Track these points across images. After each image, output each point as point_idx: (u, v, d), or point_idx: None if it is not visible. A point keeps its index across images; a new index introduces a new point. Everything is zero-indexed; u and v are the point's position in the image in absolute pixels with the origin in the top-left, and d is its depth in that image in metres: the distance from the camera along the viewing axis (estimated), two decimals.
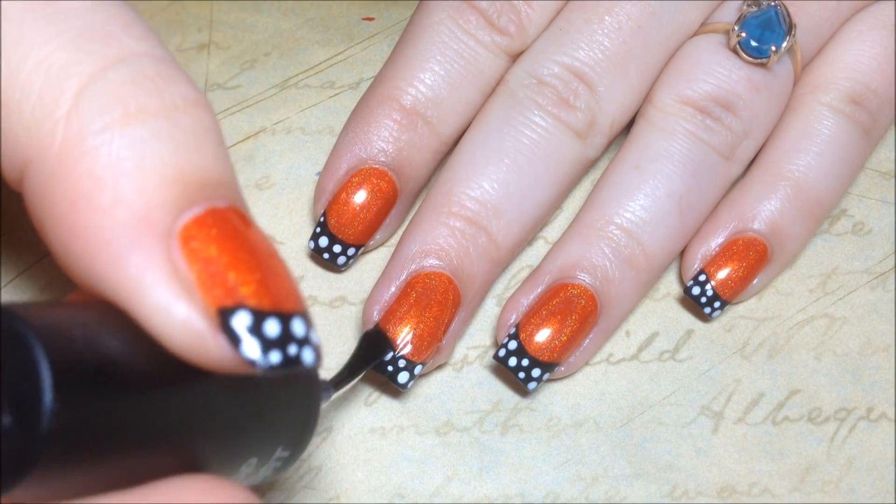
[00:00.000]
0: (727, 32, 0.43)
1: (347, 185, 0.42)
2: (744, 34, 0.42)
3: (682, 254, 0.44)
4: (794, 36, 0.43)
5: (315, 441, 0.42)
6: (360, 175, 0.42)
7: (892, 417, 0.43)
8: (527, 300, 0.42)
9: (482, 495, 0.41)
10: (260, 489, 0.41)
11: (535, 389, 0.42)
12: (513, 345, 0.41)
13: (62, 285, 0.44)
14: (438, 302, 0.40)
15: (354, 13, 0.50)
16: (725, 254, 0.43)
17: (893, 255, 0.46)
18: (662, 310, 0.44)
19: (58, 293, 0.44)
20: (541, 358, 0.41)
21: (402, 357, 0.40)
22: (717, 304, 0.43)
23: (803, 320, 0.44)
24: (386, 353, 0.40)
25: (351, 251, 0.43)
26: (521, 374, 0.41)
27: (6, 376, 0.24)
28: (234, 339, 0.26)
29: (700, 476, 0.42)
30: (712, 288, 0.43)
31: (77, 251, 0.27)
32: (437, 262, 0.41)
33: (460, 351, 0.43)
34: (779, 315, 0.44)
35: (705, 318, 0.44)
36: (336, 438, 0.42)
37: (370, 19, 0.50)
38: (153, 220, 0.26)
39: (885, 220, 0.46)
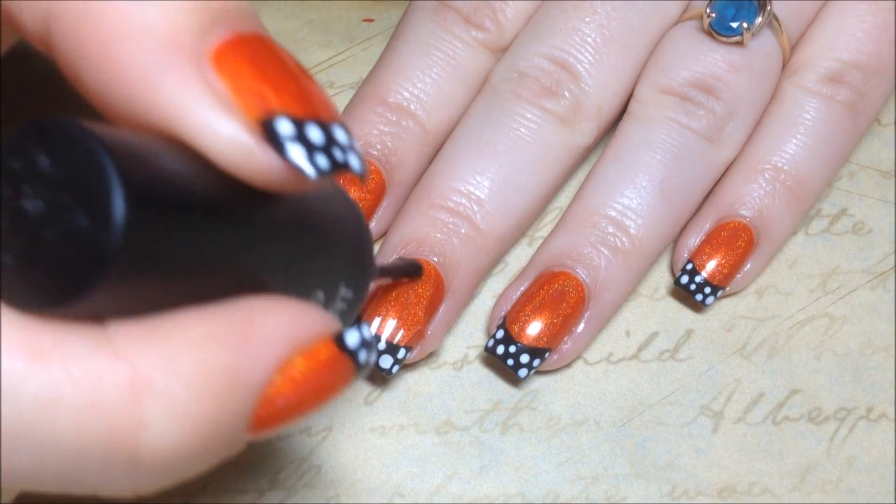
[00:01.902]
0: (701, 16, 0.43)
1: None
2: (714, 14, 0.43)
3: (672, 248, 0.44)
4: (769, 12, 0.43)
5: (315, 440, 0.42)
6: None
7: (892, 417, 0.43)
8: (516, 294, 0.42)
9: (482, 494, 0.41)
10: (260, 489, 0.41)
11: (527, 378, 0.42)
12: (500, 334, 0.42)
13: None
14: (418, 286, 0.41)
15: (355, 15, 0.50)
16: (710, 241, 0.43)
17: (894, 254, 0.46)
18: (662, 309, 0.44)
19: None
20: (527, 343, 0.41)
21: (385, 340, 0.40)
22: (707, 291, 0.43)
23: (803, 320, 0.44)
24: (418, 273, 0.41)
25: None
26: (511, 362, 0.41)
27: (78, 183, 0.24)
28: (279, 148, 0.26)
29: (700, 476, 0.42)
30: (702, 276, 0.43)
31: (113, 87, 0.27)
32: (418, 250, 0.41)
33: (460, 350, 0.43)
34: (779, 315, 0.44)
35: (699, 308, 0.44)
36: (336, 438, 0.42)
37: (370, 21, 0.51)
38: (182, 44, 0.26)
39: (886, 219, 0.46)
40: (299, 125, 0.27)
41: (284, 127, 0.26)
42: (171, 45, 0.26)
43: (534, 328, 0.41)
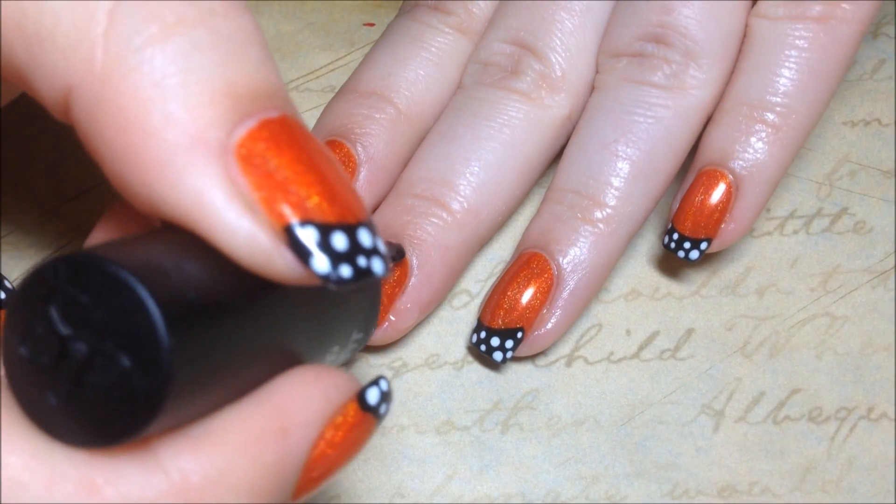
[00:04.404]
0: None
1: None
2: None
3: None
4: None
5: None
6: None
7: (893, 417, 0.43)
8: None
9: (482, 494, 0.41)
10: None
11: (504, 362, 0.42)
12: (476, 325, 0.42)
13: None
14: None
15: (356, 18, 0.51)
16: (690, 194, 0.42)
17: (894, 253, 0.45)
18: (663, 309, 0.44)
19: None
20: (495, 326, 0.41)
21: None
22: (687, 246, 0.42)
23: (804, 319, 0.44)
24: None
25: None
26: (483, 348, 0.41)
27: (113, 321, 0.24)
28: (302, 254, 0.26)
29: (701, 475, 0.42)
30: (679, 232, 0.42)
31: (134, 176, 0.26)
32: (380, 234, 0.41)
33: (460, 350, 0.43)
34: (780, 314, 0.44)
35: (688, 264, 0.44)
36: None
37: (371, 25, 0.51)
38: (206, 138, 0.26)
39: (886, 218, 0.46)
40: (324, 232, 0.26)
41: (308, 235, 0.26)
42: (195, 140, 0.26)
43: (502, 309, 0.41)
